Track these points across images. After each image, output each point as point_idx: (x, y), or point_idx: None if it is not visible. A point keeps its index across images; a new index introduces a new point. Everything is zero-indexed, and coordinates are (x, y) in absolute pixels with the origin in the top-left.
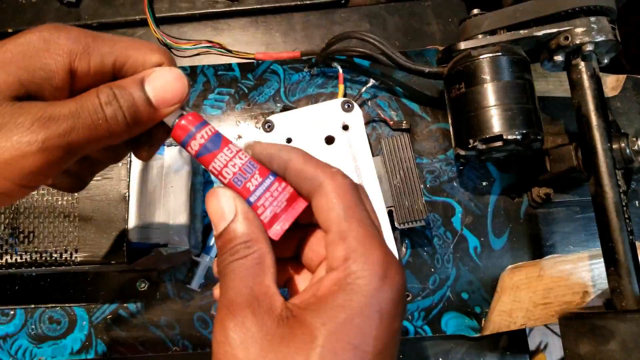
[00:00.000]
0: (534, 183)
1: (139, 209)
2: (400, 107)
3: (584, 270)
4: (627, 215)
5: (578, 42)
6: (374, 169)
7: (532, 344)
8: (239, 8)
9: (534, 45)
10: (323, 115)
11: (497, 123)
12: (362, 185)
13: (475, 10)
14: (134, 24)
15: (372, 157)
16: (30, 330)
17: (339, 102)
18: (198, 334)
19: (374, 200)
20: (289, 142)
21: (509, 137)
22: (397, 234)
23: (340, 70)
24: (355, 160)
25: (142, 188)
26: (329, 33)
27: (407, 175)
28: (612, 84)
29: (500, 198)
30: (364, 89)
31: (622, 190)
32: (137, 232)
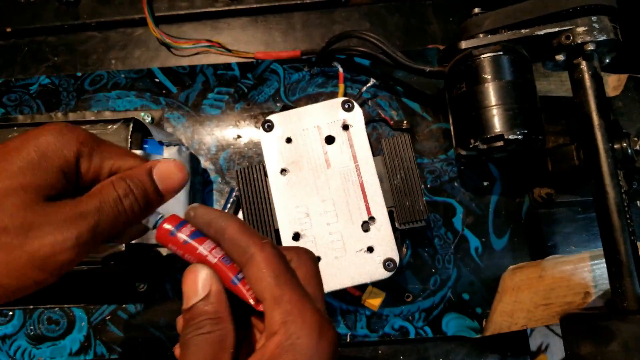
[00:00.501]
0: (536, 183)
1: None
2: (401, 106)
3: (586, 271)
4: (628, 216)
5: (579, 41)
6: (374, 169)
7: (533, 345)
8: (239, 7)
9: (535, 45)
10: (323, 115)
11: (498, 123)
12: (302, 251)
13: (477, 9)
14: (133, 23)
15: (372, 157)
16: (29, 331)
17: (339, 101)
18: None
19: (375, 201)
20: (289, 141)
21: (510, 137)
22: (397, 235)
23: (341, 70)
24: (356, 160)
25: None
26: (329, 32)
27: (407, 176)
28: (613, 84)
29: (502, 198)
30: (365, 89)
31: (623, 191)
32: None
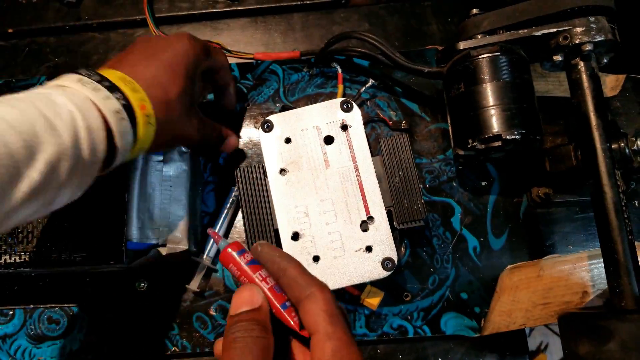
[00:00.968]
0: (534, 183)
1: (138, 209)
2: (400, 107)
3: (584, 270)
4: (626, 215)
5: (577, 41)
6: (373, 169)
7: (532, 344)
8: (239, 8)
9: (533, 45)
10: (322, 115)
11: (496, 123)
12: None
13: (475, 10)
14: (134, 24)
15: (371, 157)
16: (30, 331)
17: (338, 102)
18: (197, 334)
19: (374, 201)
20: (288, 142)
21: (508, 137)
22: (396, 234)
23: (340, 70)
24: (354, 160)
25: (141, 188)
26: (329, 33)
27: (406, 176)
28: (611, 84)
29: (500, 198)
30: (363, 89)
31: (621, 190)
32: (136, 232)
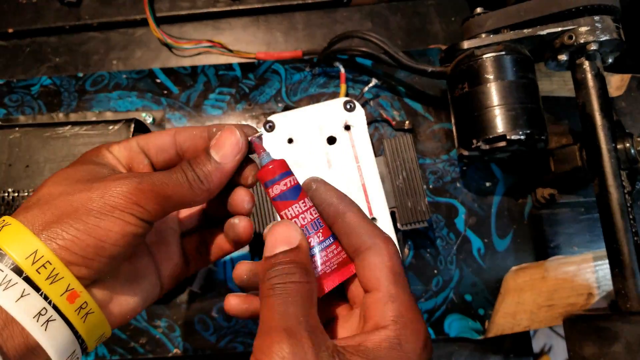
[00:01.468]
0: (538, 184)
1: None
2: (403, 107)
3: (589, 272)
4: (632, 216)
5: (582, 41)
6: (376, 169)
7: (536, 346)
8: (240, 7)
9: (538, 45)
10: (325, 115)
11: (500, 123)
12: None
13: (479, 9)
14: (135, 24)
15: (374, 157)
16: None
17: (341, 101)
18: (199, 336)
19: (377, 201)
20: (290, 142)
21: (513, 137)
22: (400, 235)
23: (342, 70)
24: (357, 161)
25: None
26: (331, 32)
27: (409, 176)
28: (616, 84)
29: (504, 199)
30: (366, 89)
31: (626, 191)
32: None
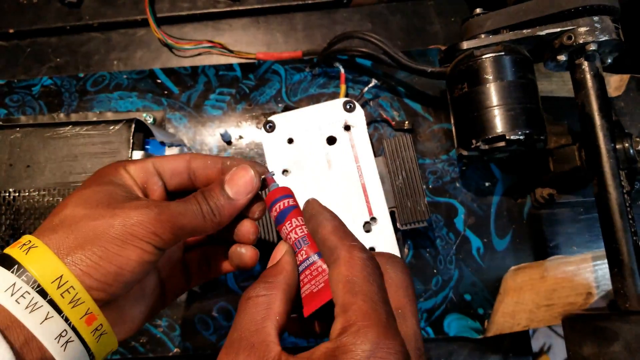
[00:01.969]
0: (537, 183)
1: None
2: (403, 107)
3: (588, 272)
4: (631, 216)
5: (581, 41)
6: (376, 170)
7: (535, 346)
8: (240, 8)
9: (537, 45)
10: (325, 115)
11: (499, 123)
12: (397, 262)
13: (478, 10)
14: (135, 24)
15: (374, 157)
16: None
17: (341, 102)
18: (199, 336)
19: (377, 201)
20: (290, 142)
21: (512, 137)
22: (399, 235)
23: (342, 70)
24: (357, 161)
25: None
26: (331, 33)
27: (409, 176)
28: (615, 84)
29: (503, 199)
30: (366, 89)
31: (625, 191)
32: None
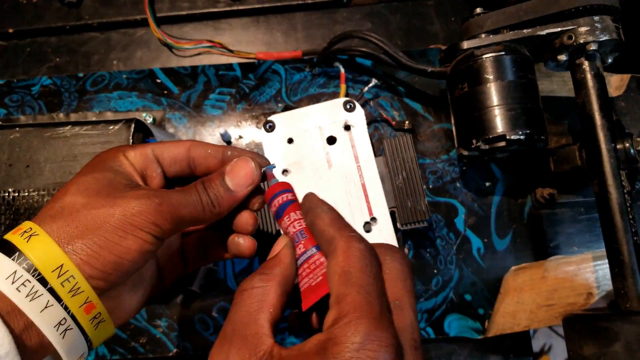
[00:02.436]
0: (538, 183)
1: None
2: (403, 107)
3: (588, 272)
4: (631, 216)
5: (582, 41)
6: (376, 169)
7: (536, 346)
8: (240, 7)
9: (538, 45)
10: (324, 115)
11: (500, 123)
12: (399, 255)
13: (478, 10)
14: (135, 24)
15: (374, 157)
16: None
17: (341, 101)
18: (199, 336)
19: (377, 201)
20: (290, 142)
21: (512, 137)
22: (399, 235)
23: (342, 70)
24: (357, 161)
25: None
26: (331, 32)
27: (409, 176)
28: (616, 84)
29: (504, 199)
30: (366, 89)
31: (626, 191)
32: None
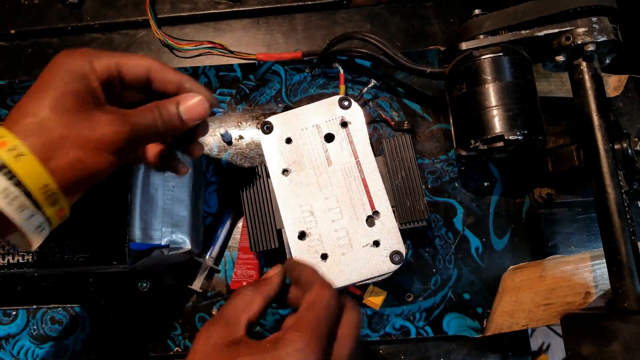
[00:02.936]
0: (536, 183)
1: (141, 210)
2: (402, 107)
3: (586, 271)
4: (629, 216)
5: (580, 42)
6: (375, 163)
7: (534, 345)
8: (241, 9)
9: (536, 46)
10: (321, 114)
11: (498, 123)
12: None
13: (477, 11)
14: (136, 25)
15: (372, 151)
16: (32, 331)
17: (336, 99)
18: None
19: (378, 195)
20: (289, 142)
21: (511, 137)
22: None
23: (342, 71)
24: (356, 156)
25: (144, 188)
26: (331, 34)
27: (408, 176)
28: (614, 84)
29: (502, 198)
30: (366, 90)
31: (624, 191)
32: (138, 232)
